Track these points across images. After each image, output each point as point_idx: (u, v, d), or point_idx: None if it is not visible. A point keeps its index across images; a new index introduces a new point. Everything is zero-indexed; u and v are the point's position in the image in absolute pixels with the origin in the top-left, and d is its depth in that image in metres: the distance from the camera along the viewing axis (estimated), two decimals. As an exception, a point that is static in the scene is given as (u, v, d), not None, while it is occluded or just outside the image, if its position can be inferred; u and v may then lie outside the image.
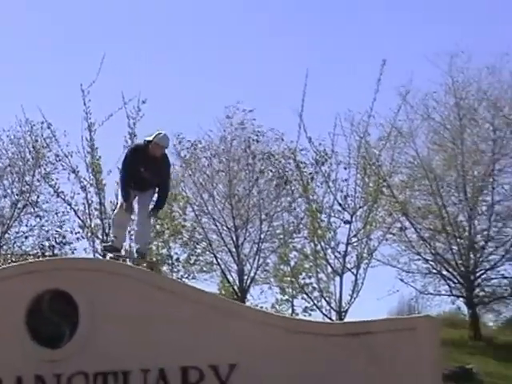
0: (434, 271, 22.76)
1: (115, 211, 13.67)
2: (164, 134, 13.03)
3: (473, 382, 17.03)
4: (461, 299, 23.01)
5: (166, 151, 13.23)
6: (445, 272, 22.46)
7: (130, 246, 15.26)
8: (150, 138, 12.87)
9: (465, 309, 23.50)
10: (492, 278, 22.94)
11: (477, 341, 21.37)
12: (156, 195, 13.42)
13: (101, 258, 18.97)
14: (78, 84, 20.46)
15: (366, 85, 22.91)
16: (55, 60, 39.22)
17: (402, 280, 23.06)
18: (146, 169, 12.62)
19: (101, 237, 20.29)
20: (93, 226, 20.55)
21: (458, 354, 19.01)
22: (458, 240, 21.99)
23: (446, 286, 23.01)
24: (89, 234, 20.67)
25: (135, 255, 13.58)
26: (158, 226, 21.19)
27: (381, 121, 21.28)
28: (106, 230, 20.02)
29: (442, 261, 22.35)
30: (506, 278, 23.14)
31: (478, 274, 22.24)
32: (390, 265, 22.79)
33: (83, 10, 38.06)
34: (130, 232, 15.45)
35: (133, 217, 13.70)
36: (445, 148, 22.63)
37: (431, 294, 23.66)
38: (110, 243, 14.08)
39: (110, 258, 13.58)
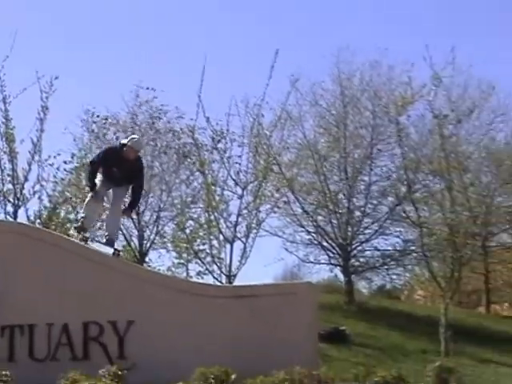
0: (315, 242, 24.19)
1: (88, 195, 14.05)
2: (138, 138, 14.28)
3: (345, 341, 17.84)
4: (338, 268, 24.66)
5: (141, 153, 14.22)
6: (325, 243, 23.88)
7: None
8: (125, 141, 13.67)
9: (341, 276, 25.15)
10: (366, 250, 24.73)
11: (350, 305, 22.83)
12: (130, 194, 14.21)
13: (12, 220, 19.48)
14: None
15: (261, 72, 23.89)
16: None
17: (286, 249, 24.87)
18: (118, 169, 13.33)
19: (12, 200, 20.49)
20: (5, 190, 20.66)
21: (334, 316, 20.16)
22: (338, 215, 23.38)
23: (326, 256, 24.56)
24: (1, 198, 20.74)
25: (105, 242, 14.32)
26: (67, 193, 21.95)
27: (273, 105, 21.87)
28: (18, 195, 20.38)
29: (322, 233, 23.75)
30: (378, 250, 24.80)
31: (354, 246, 23.76)
32: (277, 235, 24.34)
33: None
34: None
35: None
36: (329, 132, 23.99)
37: (312, 262, 25.34)
38: (79, 223, 14.33)
39: (81, 238, 14.63)
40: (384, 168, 24.79)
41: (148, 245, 21.94)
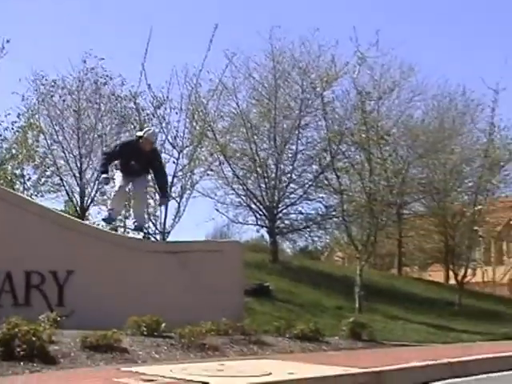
0: (244, 204, 24.40)
1: (115, 189, 14.37)
2: (153, 130, 14.33)
3: (268, 296, 17.99)
4: (264, 229, 24.87)
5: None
6: (253, 205, 24.06)
7: None
8: (140, 134, 13.92)
9: (267, 237, 25.51)
10: (291, 213, 25.01)
11: (275, 264, 23.14)
12: (156, 183, 15.00)
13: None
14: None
15: (201, 44, 23.87)
16: None
17: (217, 210, 24.97)
18: (137, 161, 13.65)
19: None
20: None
21: (259, 273, 20.35)
22: (266, 180, 23.58)
23: (253, 217, 24.73)
24: None
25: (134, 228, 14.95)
26: (13, 151, 22.06)
27: (210, 76, 21.99)
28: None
29: (251, 196, 23.93)
30: (302, 213, 25.14)
31: (279, 209, 23.97)
32: (209, 197, 24.44)
33: None
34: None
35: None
36: (261, 103, 24.15)
37: (240, 223, 25.55)
38: (108, 215, 14.73)
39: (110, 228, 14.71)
40: (310, 138, 25.15)
41: (89, 201, 21.96)
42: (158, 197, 15.98)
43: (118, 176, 14.23)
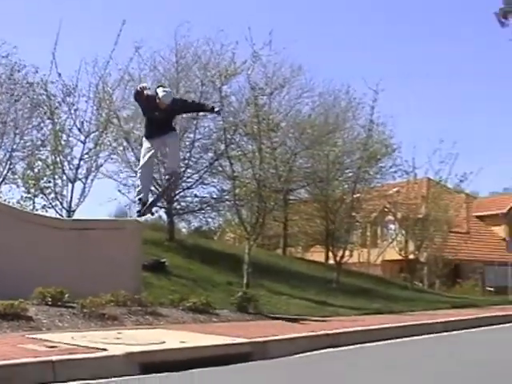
0: None
1: (139, 167, 13.56)
2: (166, 92, 12.89)
3: (164, 272, 18.01)
4: (162, 210, 24.53)
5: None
6: (153, 188, 22.51)
7: None
8: (158, 91, 12.76)
9: (165, 217, 25.46)
10: (187, 196, 24.95)
11: (171, 242, 23.14)
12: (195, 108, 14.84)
13: None
14: None
15: (109, 37, 23.67)
16: None
17: (119, 191, 24.79)
18: (160, 112, 12.63)
19: None
20: None
21: (156, 250, 20.32)
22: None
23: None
24: None
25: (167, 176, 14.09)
26: None
27: (118, 66, 21.78)
28: None
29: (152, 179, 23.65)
30: (197, 197, 25.09)
31: (177, 192, 23.70)
32: (112, 178, 24.22)
33: None
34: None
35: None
36: (163, 94, 23.88)
37: None
38: (138, 198, 13.61)
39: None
40: (207, 128, 25.06)
41: (0, 180, 21.29)
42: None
43: (145, 143, 13.40)
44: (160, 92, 12.68)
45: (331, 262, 27.04)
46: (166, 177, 14.38)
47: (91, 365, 7.52)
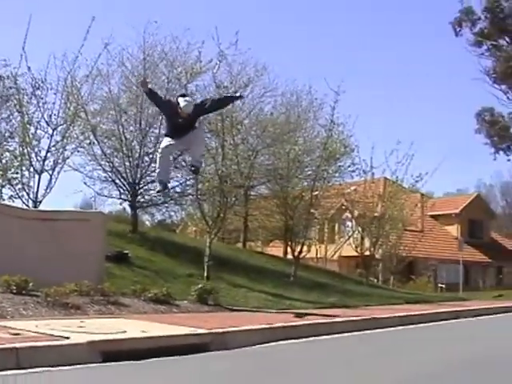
0: (110, 179, 23.98)
1: (160, 150, 13.73)
2: (187, 103, 13.20)
3: (127, 262, 17.99)
4: (127, 202, 24.66)
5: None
6: (117, 181, 23.75)
7: None
8: (180, 100, 13.18)
9: (129, 210, 25.22)
10: (151, 190, 24.21)
11: (134, 234, 23.07)
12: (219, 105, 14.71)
13: None
14: None
15: (78, 33, 23.44)
16: None
17: (85, 183, 24.50)
18: (182, 119, 13.05)
19: None
20: None
21: (120, 242, 20.31)
22: (130, 159, 23.37)
23: (117, 192, 24.43)
24: None
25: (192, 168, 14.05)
26: None
27: (87, 62, 21.49)
28: None
29: (116, 172, 23.61)
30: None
31: (141, 185, 23.78)
32: (78, 171, 23.90)
33: None
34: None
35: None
36: (130, 90, 23.76)
37: (106, 196, 25.14)
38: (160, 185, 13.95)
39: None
40: (171, 124, 24.65)
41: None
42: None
43: (165, 140, 13.69)
44: (181, 102, 13.01)
45: (289, 256, 27.19)
46: (191, 168, 14.29)
47: (54, 352, 7.52)
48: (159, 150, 13.94)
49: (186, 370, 7.80)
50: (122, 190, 24.13)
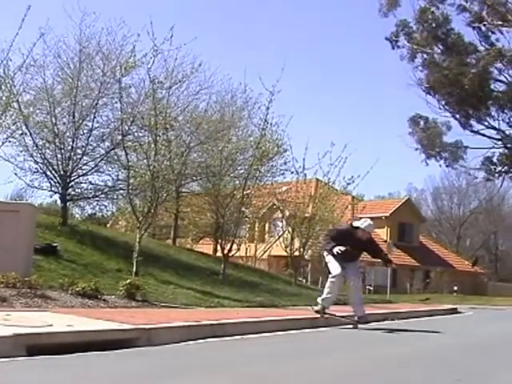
0: (41, 171, 23.53)
1: (331, 276, 14.02)
2: (370, 223, 14.19)
3: (56, 255, 17.77)
4: (58, 195, 24.24)
5: None
6: (49, 173, 23.38)
7: None
8: (358, 225, 13.93)
9: (59, 202, 24.79)
10: (82, 183, 24.49)
11: (64, 227, 22.79)
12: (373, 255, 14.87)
13: None
14: None
15: (13, 22, 23.12)
16: None
17: (16, 174, 23.89)
18: (352, 247, 13.64)
19: None
20: None
21: (49, 235, 20.16)
22: (62, 151, 23.07)
23: (48, 184, 23.97)
24: None
25: (356, 318, 14.31)
26: None
27: (22, 51, 21.32)
28: None
29: (48, 164, 23.25)
30: (92, 184, 24.75)
31: (72, 178, 23.54)
32: (9, 161, 23.46)
33: None
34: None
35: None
36: (65, 81, 23.50)
37: (36, 187, 24.50)
38: (320, 305, 14.34)
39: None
40: (105, 118, 24.71)
41: None
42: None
43: (332, 262, 14.03)
44: (364, 223, 14.05)
45: (219, 254, 27.28)
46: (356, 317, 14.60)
47: (-22, 345, 7.49)
48: (331, 275, 14.17)
49: (110, 365, 7.83)
50: (52, 182, 23.79)
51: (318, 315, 14.40)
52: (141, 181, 20.55)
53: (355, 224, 14.24)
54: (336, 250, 13.68)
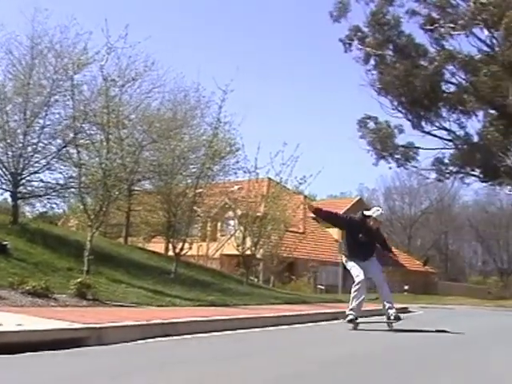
0: None
1: (355, 287, 14.03)
2: (381, 211, 14.45)
3: (6, 254, 17.62)
4: (8, 193, 23.93)
5: None
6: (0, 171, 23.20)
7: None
8: (368, 213, 14.02)
9: (10, 200, 24.59)
10: (33, 181, 24.09)
11: (14, 225, 22.55)
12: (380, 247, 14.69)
13: None
14: None
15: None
16: None
17: None
18: (364, 235, 13.86)
19: None
20: None
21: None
22: (13, 148, 22.79)
23: None
24: None
25: (392, 320, 14.38)
26: None
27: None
28: None
29: None
30: (43, 182, 24.43)
31: (23, 176, 23.23)
32: None
33: None
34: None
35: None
36: (17, 78, 23.20)
37: None
38: (351, 315, 14.22)
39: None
40: (57, 115, 24.14)
41: None
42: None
43: (353, 268, 14.19)
44: (375, 211, 14.21)
45: (171, 253, 27.28)
46: (392, 316, 14.61)
47: None
48: (355, 283, 14.22)
49: (60, 364, 7.85)
50: (3, 180, 23.47)
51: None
52: (92, 179, 20.47)
53: (366, 213, 14.25)
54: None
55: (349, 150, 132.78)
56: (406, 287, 55.28)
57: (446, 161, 54.12)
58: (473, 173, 53.73)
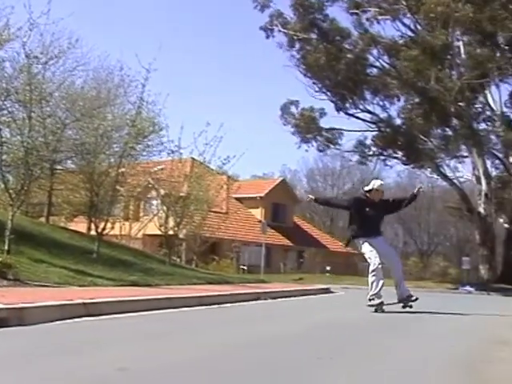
0: None
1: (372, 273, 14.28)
2: (381, 183, 14.54)
3: None
4: None
5: None
6: None
7: None
8: (368, 188, 14.08)
9: None
10: None
11: None
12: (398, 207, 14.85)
13: None
14: None
15: None
16: None
17: None
18: (370, 208, 13.89)
19: None
20: None
21: None
22: None
23: None
24: None
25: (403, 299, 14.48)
26: None
27: None
28: None
29: None
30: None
31: None
32: None
33: None
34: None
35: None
36: None
37: None
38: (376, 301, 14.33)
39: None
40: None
41: None
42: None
43: (368, 252, 14.26)
44: (376, 183, 14.35)
45: (93, 232, 27.13)
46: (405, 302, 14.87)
47: None
48: (371, 269, 14.47)
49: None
50: None
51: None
52: (14, 157, 20.22)
53: (366, 188, 14.39)
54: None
55: (272, 130, 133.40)
56: (328, 268, 56.08)
57: (369, 143, 55.09)
58: (395, 155, 54.82)
